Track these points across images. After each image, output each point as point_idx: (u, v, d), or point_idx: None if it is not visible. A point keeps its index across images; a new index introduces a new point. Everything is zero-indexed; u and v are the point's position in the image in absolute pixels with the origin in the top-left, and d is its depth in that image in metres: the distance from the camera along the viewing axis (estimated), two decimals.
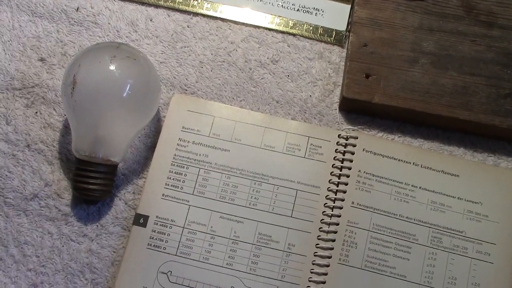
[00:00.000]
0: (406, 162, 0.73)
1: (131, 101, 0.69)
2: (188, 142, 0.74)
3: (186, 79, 0.78)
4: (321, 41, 0.80)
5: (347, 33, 0.80)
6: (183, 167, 0.73)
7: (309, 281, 0.68)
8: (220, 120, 0.75)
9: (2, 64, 0.77)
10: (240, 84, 0.78)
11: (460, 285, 0.69)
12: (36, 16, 0.80)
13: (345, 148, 0.73)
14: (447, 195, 0.72)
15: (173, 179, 0.72)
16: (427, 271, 0.69)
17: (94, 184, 0.69)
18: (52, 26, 0.80)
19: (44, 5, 0.81)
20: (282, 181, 0.72)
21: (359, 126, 0.76)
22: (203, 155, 0.73)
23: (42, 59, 0.78)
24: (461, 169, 0.73)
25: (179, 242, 0.70)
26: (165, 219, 0.70)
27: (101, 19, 0.81)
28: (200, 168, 0.73)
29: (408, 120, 0.76)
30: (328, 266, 0.69)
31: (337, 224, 0.70)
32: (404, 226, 0.70)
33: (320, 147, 0.73)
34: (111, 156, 0.69)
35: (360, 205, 0.71)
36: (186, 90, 0.77)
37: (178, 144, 0.73)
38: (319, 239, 0.70)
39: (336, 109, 0.77)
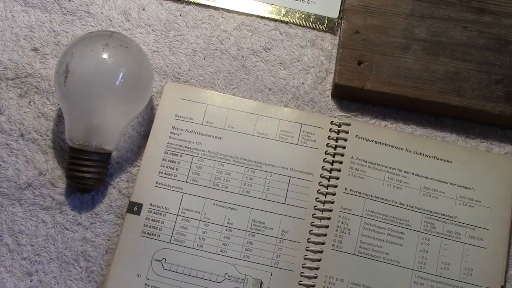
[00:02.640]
0: (399, 148, 0.73)
1: (124, 90, 0.69)
2: (181, 130, 0.74)
3: (179, 67, 0.78)
4: (313, 29, 0.81)
5: (339, 21, 0.80)
6: (177, 155, 0.73)
7: (303, 267, 0.69)
8: (213, 108, 0.75)
9: None
10: (232, 72, 0.78)
11: (453, 270, 0.69)
12: (28, 6, 0.80)
13: (337, 134, 0.73)
14: (439, 181, 0.72)
15: (167, 167, 0.72)
16: (420, 257, 0.69)
17: (88, 172, 0.69)
18: (45, 16, 0.80)
19: None
20: (275, 168, 0.72)
21: (352, 113, 0.76)
22: (196, 143, 0.73)
23: (35, 49, 0.78)
24: (454, 155, 0.73)
25: (173, 229, 0.70)
26: (159, 207, 0.71)
27: (94, 8, 0.81)
28: (193, 156, 0.73)
29: (400, 106, 0.76)
30: (321, 252, 0.69)
31: (330, 211, 0.70)
32: (397, 212, 0.71)
33: (313, 134, 0.74)
34: (104, 144, 0.70)
35: (353, 191, 0.71)
36: (179, 78, 0.78)
37: (171, 132, 0.74)
38: (312, 225, 0.70)
39: (328, 96, 0.77)
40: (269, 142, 0.73)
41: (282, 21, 0.81)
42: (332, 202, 0.70)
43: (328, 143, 0.73)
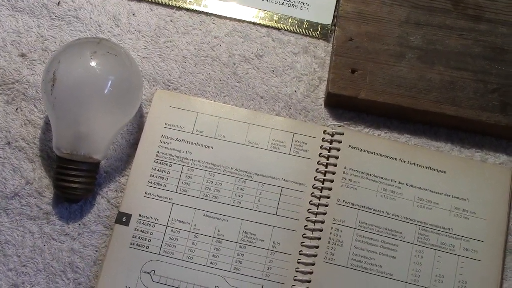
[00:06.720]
0: (393, 158, 0.72)
1: (113, 98, 0.68)
2: (171, 139, 0.73)
3: (169, 74, 0.77)
4: (306, 36, 0.79)
5: (333, 27, 0.79)
6: (166, 164, 0.72)
7: (295, 280, 0.68)
8: (203, 116, 0.74)
9: None
10: (224, 80, 0.77)
11: (447, 282, 0.68)
12: (16, 11, 0.79)
13: (330, 144, 0.72)
14: (434, 192, 0.71)
15: (156, 176, 0.71)
16: (414, 269, 0.69)
17: (75, 182, 0.68)
18: (33, 21, 0.79)
19: None
20: (266, 178, 0.71)
21: (345, 122, 0.75)
22: (186, 152, 0.72)
23: (22, 55, 0.77)
24: (448, 165, 0.72)
25: (162, 241, 0.69)
26: (148, 217, 0.70)
27: (83, 13, 0.79)
28: (183, 166, 0.72)
29: (394, 115, 0.75)
30: (313, 264, 0.68)
31: (323, 222, 0.69)
32: (390, 223, 0.70)
33: (305, 143, 0.73)
34: (93, 153, 0.68)
35: (346, 202, 0.70)
36: (169, 85, 0.76)
37: (161, 141, 0.72)
38: (304, 237, 0.69)
39: (321, 105, 0.76)
40: (261, 151, 0.72)
41: (274, 28, 0.80)
42: (325, 214, 0.69)
43: (321, 153, 0.72)
